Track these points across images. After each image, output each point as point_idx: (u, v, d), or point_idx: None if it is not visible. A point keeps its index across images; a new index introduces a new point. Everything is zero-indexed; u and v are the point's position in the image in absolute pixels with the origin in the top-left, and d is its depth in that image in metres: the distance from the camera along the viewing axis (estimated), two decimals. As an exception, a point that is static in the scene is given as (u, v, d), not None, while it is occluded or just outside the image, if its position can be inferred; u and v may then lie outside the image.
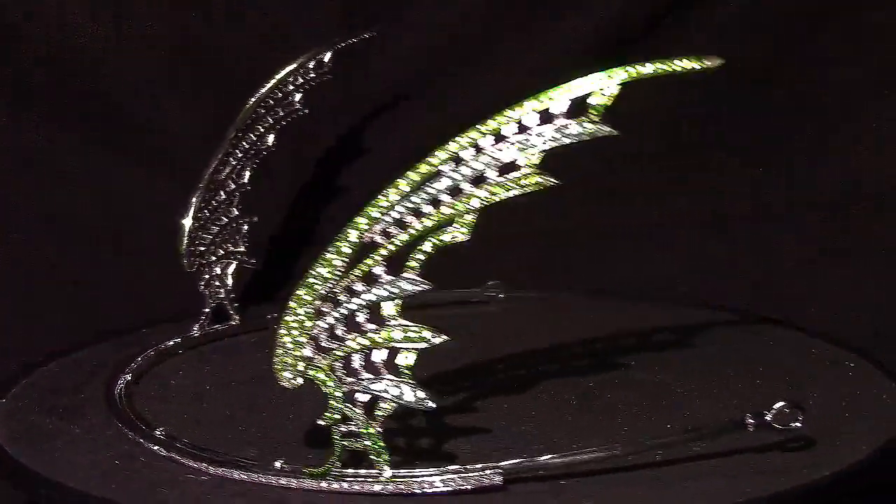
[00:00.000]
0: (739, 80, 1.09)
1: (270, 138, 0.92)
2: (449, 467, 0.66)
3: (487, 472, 0.65)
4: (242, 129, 0.91)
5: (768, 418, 0.66)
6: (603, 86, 0.60)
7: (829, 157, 1.09)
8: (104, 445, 0.74)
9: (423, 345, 0.64)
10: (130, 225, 1.08)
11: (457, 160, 0.62)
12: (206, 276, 0.91)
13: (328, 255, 0.64)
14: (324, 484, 0.66)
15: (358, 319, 0.65)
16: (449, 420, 0.73)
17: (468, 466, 0.66)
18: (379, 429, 0.65)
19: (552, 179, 0.62)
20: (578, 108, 0.61)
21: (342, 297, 0.65)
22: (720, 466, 0.68)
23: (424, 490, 0.65)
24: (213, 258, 0.91)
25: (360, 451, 0.66)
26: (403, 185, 0.63)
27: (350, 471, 0.66)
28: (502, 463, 0.66)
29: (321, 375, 0.65)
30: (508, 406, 0.78)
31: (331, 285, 0.65)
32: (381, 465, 0.65)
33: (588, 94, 0.61)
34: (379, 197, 0.63)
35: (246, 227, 0.93)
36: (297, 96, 0.93)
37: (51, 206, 1.07)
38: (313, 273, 0.65)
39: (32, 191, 1.06)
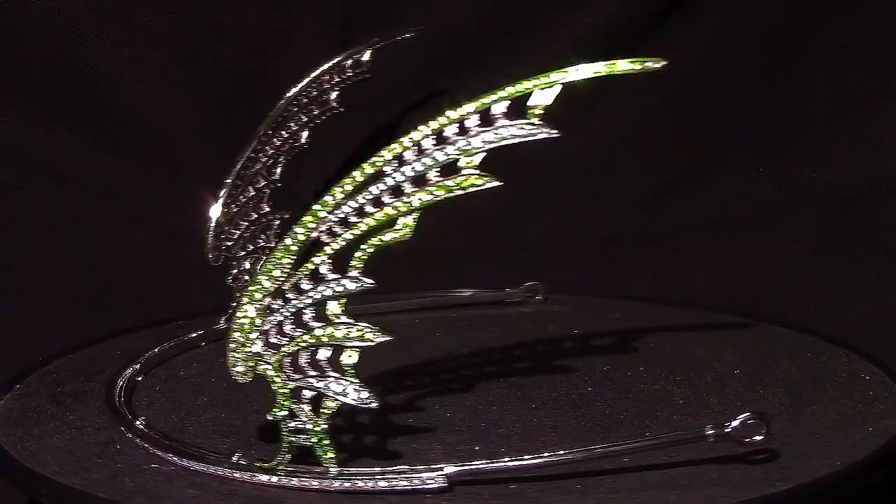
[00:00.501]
0: (739, 79, 1.08)
1: (304, 135, 0.92)
2: (396, 467, 0.66)
3: (433, 473, 0.65)
4: (273, 126, 0.90)
5: (729, 430, 0.64)
6: (543, 87, 0.60)
7: (829, 157, 1.08)
8: (93, 432, 0.74)
9: (367, 344, 0.64)
10: (130, 225, 1.09)
11: (400, 160, 0.63)
12: (234, 271, 0.91)
13: (277, 253, 0.65)
14: (274, 478, 0.66)
15: (304, 317, 0.65)
16: (399, 419, 0.73)
17: (414, 467, 0.66)
18: (324, 425, 0.65)
19: (494, 181, 0.62)
20: (520, 109, 0.61)
21: (290, 295, 0.65)
22: (677, 477, 0.66)
23: (369, 488, 0.65)
24: (242, 253, 0.91)
25: (306, 447, 0.66)
26: (349, 184, 0.63)
27: (300, 467, 0.66)
28: (448, 465, 0.66)
29: (270, 371, 0.66)
30: (495, 408, 0.77)
31: (279, 282, 0.65)
32: (327, 461, 0.66)
33: (529, 96, 0.61)
34: (325, 196, 0.64)
35: (277, 223, 0.93)
36: (333, 94, 0.92)
37: (51, 206, 1.08)
38: (263, 270, 0.65)
39: (32, 191, 1.08)
